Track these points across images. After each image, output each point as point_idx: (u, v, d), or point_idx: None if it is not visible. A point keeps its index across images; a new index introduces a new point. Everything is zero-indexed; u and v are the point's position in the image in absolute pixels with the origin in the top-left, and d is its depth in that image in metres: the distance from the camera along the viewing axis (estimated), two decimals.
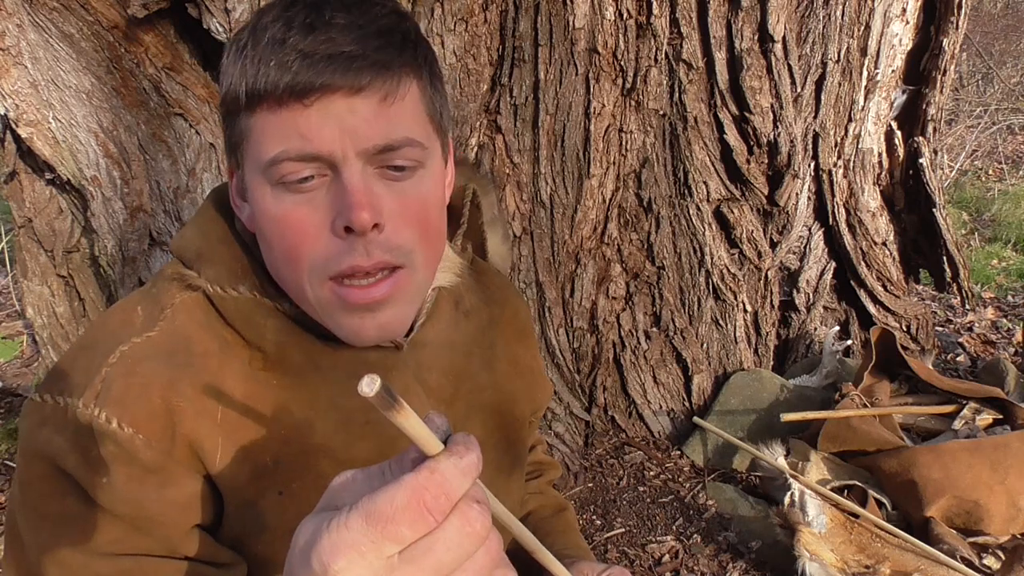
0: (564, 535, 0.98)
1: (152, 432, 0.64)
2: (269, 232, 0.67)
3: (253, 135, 0.64)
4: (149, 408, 0.65)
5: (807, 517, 1.74)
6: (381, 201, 0.64)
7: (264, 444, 0.70)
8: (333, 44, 0.61)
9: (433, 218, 0.70)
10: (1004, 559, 1.72)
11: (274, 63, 0.61)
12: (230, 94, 0.65)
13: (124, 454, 0.63)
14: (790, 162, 2.26)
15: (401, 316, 0.70)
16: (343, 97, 0.61)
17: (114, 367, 0.66)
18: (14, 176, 2.06)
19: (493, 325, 0.90)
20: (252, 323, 0.71)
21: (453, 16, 1.90)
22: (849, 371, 2.24)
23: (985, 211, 4.62)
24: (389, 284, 0.66)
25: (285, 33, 0.61)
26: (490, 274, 0.93)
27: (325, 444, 0.73)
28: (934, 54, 2.35)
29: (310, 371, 0.73)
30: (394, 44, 0.64)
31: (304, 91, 0.61)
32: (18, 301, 3.22)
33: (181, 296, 0.71)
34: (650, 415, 2.32)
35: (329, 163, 0.63)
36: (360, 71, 0.61)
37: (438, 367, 0.81)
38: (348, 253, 0.64)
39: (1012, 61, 7.23)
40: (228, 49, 0.66)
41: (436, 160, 0.70)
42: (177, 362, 0.68)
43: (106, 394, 0.64)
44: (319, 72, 0.60)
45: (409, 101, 0.65)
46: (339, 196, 0.63)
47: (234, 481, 0.69)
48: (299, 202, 0.64)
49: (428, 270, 0.72)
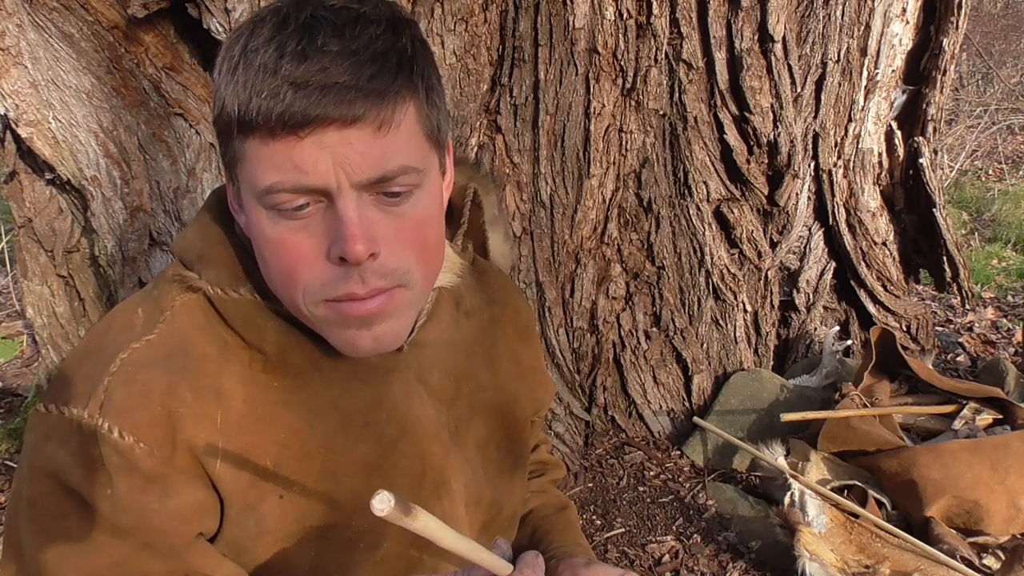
0: (564, 533, 0.98)
1: (153, 440, 0.65)
2: (265, 252, 0.67)
3: (247, 161, 0.64)
4: (149, 415, 0.65)
5: (807, 517, 1.74)
6: (376, 228, 0.64)
7: (264, 447, 0.70)
8: (326, 75, 0.60)
9: (431, 236, 0.69)
10: (1004, 559, 1.71)
11: (266, 94, 0.60)
12: (223, 116, 0.64)
13: (126, 464, 0.64)
14: (790, 162, 2.26)
15: (396, 329, 0.70)
16: (337, 129, 0.60)
17: (115, 376, 0.66)
18: (14, 176, 2.06)
19: (495, 325, 0.90)
20: (253, 325, 0.71)
21: (453, 16, 1.90)
22: (849, 371, 2.24)
23: (985, 211, 4.62)
24: (385, 299, 0.66)
25: (277, 61, 0.60)
26: (491, 274, 0.93)
27: (324, 445, 0.73)
28: (934, 54, 2.35)
29: (310, 373, 0.73)
30: (388, 70, 0.62)
31: (297, 124, 0.60)
32: (18, 301, 3.22)
33: (181, 298, 0.71)
34: (650, 415, 2.32)
35: (324, 193, 0.63)
36: (354, 102, 0.60)
37: (440, 367, 0.81)
38: (344, 280, 0.64)
39: (1012, 61, 7.23)
40: (220, 62, 0.65)
41: (433, 177, 0.69)
42: (175, 366, 0.68)
43: (108, 404, 0.65)
44: (313, 104, 0.59)
45: (405, 127, 0.64)
46: (334, 226, 0.63)
47: (235, 485, 0.69)
48: (295, 228, 0.64)
49: (426, 283, 0.72)
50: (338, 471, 0.73)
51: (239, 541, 0.71)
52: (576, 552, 0.92)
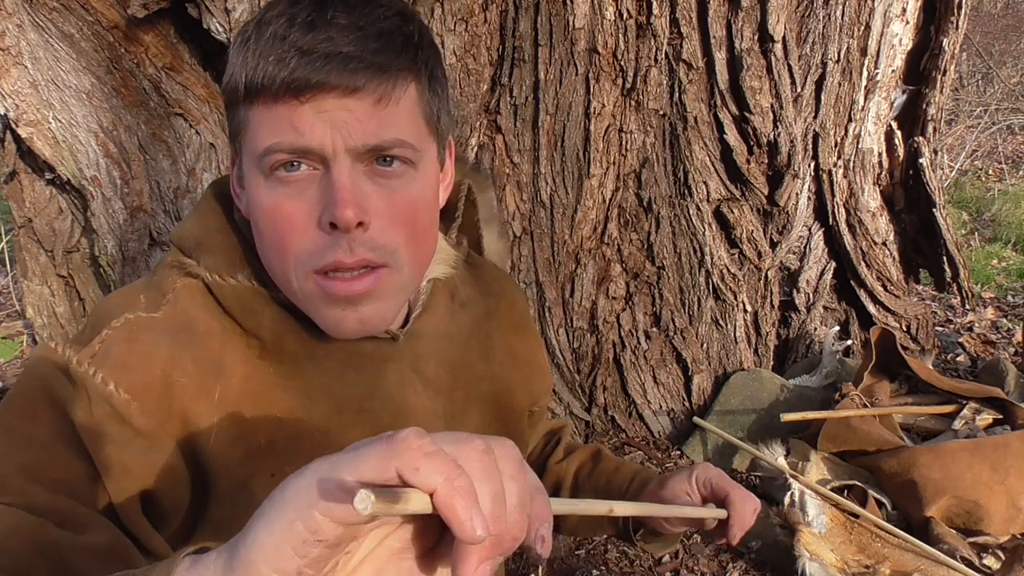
0: (619, 472, 1.01)
1: (148, 402, 0.65)
2: (261, 222, 0.68)
3: (250, 126, 0.66)
4: (148, 378, 0.65)
5: (807, 517, 1.74)
6: (368, 199, 0.65)
7: (259, 425, 0.70)
8: (332, 43, 0.62)
9: (422, 219, 0.70)
10: (1004, 559, 1.71)
11: (273, 58, 0.62)
12: (231, 84, 0.67)
13: (118, 415, 0.64)
14: (790, 162, 2.26)
15: (382, 312, 0.70)
16: (337, 96, 0.62)
17: (117, 331, 0.67)
18: (14, 176, 2.06)
19: (489, 317, 0.90)
20: (249, 311, 0.72)
21: (453, 16, 1.90)
22: (849, 371, 2.24)
23: (985, 211, 4.62)
24: (371, 280, 0.67)
25: (287, 29, 0.62)
26: (486, 267, 0.93)
27: (319, 428, 0.73)
28: (934, 54, 2.35)
29: (305, 360, 0.73)
30: (393, 46, 0.64)
31: (299, 88, 0.62)
32: (18, 301, 3.22)
33: (182, 281, 0.72)
34: (650, 415, 2.32)
35: (320, 157, 0.64)
36: (355, 72, 0.62)
37: (435, 358, 0.81)
38: (332, 248, 0.65)
39: (1012, 61, 7.24)
40: (234, 40, 0.68)
41: (429, 162, 0.71)
42: (180, 339, 0.68)
43: (104, 356, 0.65)
44: (316, 70, 0.61)
45: (404, 104, 0.66)
46: (327, 192, 0.64)
47: (227, 460, 0.69)
48: (290, 195, 0.65)
49: (414, 269, 0.72)
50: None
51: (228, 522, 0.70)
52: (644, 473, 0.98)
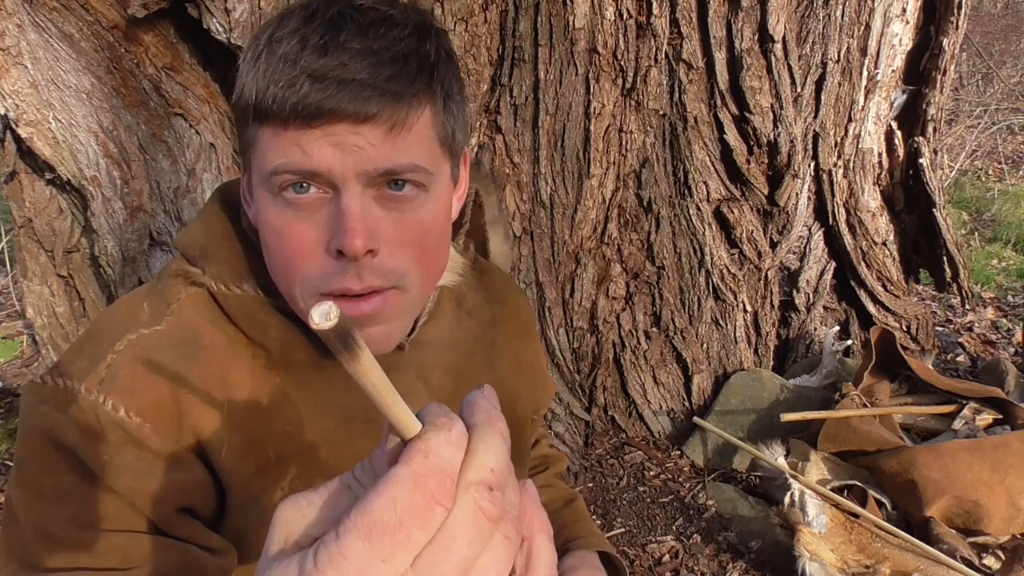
0: (577, 525, 0.99)
1: (160, 422, 0.65)
2: (269, 240, 0.67)
3: (259, 145, 0.65)
4: (157, 398, 0.65)
5: (807, 517, 1.74)
6: (378, 225, 0.64)
7: (268, 438, 0.70)
8: (344, 70, 0.60)
9: (432, 242, 0.69)
10: (1004, 559, 1.71)
11: (283, 83, 0.60)
12: (241, 102, 0.65)
13: (132, 440, 0.64)
14: (790, 162, 2.26)
15: (389, 332, 0.70)
16: (349, 124, 0.61)
17: (121, 354, 0.66)
18: (14, 176, 2.06)
19: (495, 323, 0.90)
20: (255, 321, 0.71)
21: (453, 16, 1.90)
22: (849, 371, 2.24)
23: (985, 211, 4.62)
24: (378, 301, 0.66)
25: (299, 52, 0.61)
26: (492, 273, 0.93)
27: (327, 440, 0.73)
28: (934, 54, 2.35)
29: (312, 370, 0.73)
30: (408, 72, 0.63)
31: (311, 115, 0.60)
32: (18, 301, 3.22)
33: (187, 291, 0.71)
34: (650, 415, 2.32)
35: (328, 181, 0.63)
36: (368, 100, 0.61)
37: (440, 366, 0.81)
38: (340, 275, 0.64)
39: (1012, 61, 7.23)
40: (245, 52, 0.66)
41: (442, 183, 0.69)
42: (185, 354, 0.68)
43: (111, 381, 0.65)
44: (328, 97, 0.60)
45: (418, 129, 0.64)
46: (336, 218, 0.63)
47: (239, 475, 0.69)
48: (299, 218, 0.64)
49: (424, 290, 0.71)
50: (340, 466, 0.73)
51: (243, 533, 0.71)
52: (592, 542, 0.93)
